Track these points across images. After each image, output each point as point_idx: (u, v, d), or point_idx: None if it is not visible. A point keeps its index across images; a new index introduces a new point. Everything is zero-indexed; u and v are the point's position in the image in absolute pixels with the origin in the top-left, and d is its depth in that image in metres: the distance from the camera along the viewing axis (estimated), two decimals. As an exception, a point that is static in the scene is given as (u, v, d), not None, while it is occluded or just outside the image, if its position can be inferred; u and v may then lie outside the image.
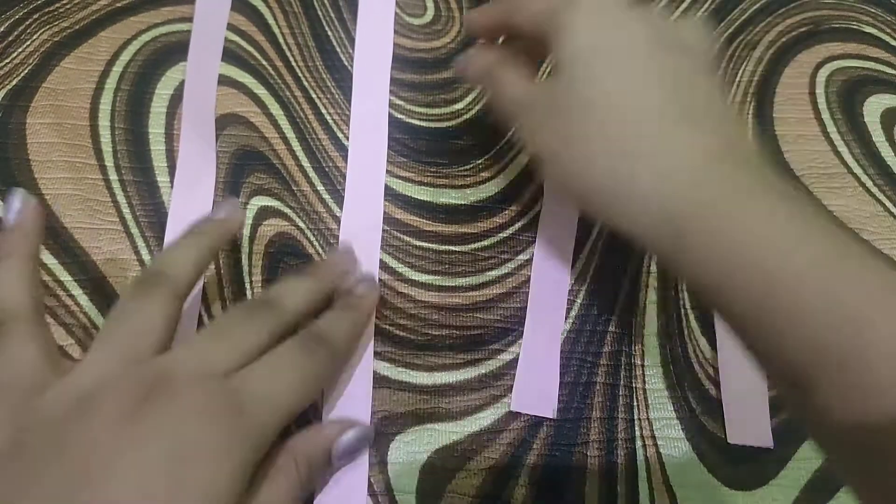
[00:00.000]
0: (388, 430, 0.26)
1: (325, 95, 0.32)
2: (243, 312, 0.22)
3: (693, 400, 0.27)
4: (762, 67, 0.34)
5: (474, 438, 0.26)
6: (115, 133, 0.30)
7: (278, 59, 0.32)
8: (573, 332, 0.28)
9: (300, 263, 0.28)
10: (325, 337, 0.23)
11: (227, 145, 0.30)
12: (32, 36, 0.31)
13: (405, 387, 0.26)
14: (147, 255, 0.28)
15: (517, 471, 0.25)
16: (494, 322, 0.28)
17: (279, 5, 0.34)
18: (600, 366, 0.27)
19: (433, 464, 0.25)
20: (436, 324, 0.28)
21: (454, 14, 0.35)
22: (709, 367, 0.28)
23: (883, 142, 0.33)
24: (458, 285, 0.28)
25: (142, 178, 0.29)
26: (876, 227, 0.31)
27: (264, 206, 0.29)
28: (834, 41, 0.35)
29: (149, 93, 0.31)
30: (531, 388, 0.27)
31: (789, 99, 0.34)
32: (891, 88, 0.34)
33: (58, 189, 0.28)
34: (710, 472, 0.26)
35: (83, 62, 0.31)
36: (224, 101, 0.31)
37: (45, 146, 0.29)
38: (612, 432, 0.26)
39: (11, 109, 0.30)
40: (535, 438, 0.26)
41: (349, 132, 0.31)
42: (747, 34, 0.35)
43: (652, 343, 0.28)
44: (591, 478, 0.25)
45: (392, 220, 0.29)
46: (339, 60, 0.33)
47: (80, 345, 0.26)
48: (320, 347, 0.22)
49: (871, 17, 0.36)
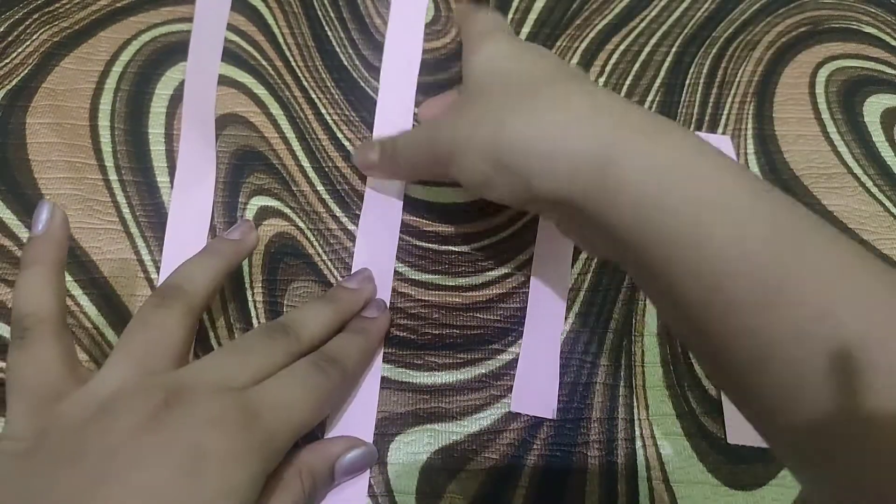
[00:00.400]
0: (388, 431, 0.26)
1: (325, 95, 0.32)
2: (263, 334, 0.23)
3: (693, 400, 0.27)
4: (762, 67, 0.34)
5: (474, 439, 0.26)
6: (115, 133, 0.30)
7: (278, 59, 0.32)
8: (573, 332, 0.28)
9: (300, 263, 0.28)
10: (338, 359, 0.23)
11: (226, 145, 0.30)
12: (32, 36, 0.31)
13: (405, 387, 0.26)
14: (147, 255, 0.28)
15: (517, 471, 0.25)
16: (494, 322, 0.28)
17: (279, 5, 0.34)
18: (600, 366, 0.27)
19: (433, 464, 0.25)
20: (436, 323, 0.28)
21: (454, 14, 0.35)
22: (709, 367, 0.28)
23: (883, 142, 0.33)
24: (458, 285, 0.28)
25: (142, 178, 0.29)
26: (876, 227, 0.31)
27: (264, 206, 0.29)
28: (834, 41, 0.35)
29: (149, 93, 0.31)
30: (531, 388, 0.27)
31: (789, 99, 0.34)
32: (891, 88, 0.34)
33: (58, 189, 0.28)
34: (710, 472, 0.26)
35: (83, 62, 0.31)
36: (224, 101, 0.31)
37: (45, 146, 0.29)
38: (612, 432, 0.26)
39: (11, 109, 0.30)
40: (535, 439, 0.26)
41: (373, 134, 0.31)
42: (747, 34, 0.35)
43: (652, 343, 0.28)
44: (591, 478, 0.25)
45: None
46: (339, 60, 0.33)
47: (80, 345, 0.26)
48: (332, 368, 0.23)
49: (871, 17, 0.36)
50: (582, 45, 0.35)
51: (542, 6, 0.36)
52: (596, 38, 0.35)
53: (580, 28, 0.35)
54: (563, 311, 0.28)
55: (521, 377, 0.27)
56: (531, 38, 0.35)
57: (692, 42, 0.35)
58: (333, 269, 0.28)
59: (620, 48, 0.35)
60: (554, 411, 0.26)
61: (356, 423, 0.26)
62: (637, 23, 0.35)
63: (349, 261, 0.28)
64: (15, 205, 0.28)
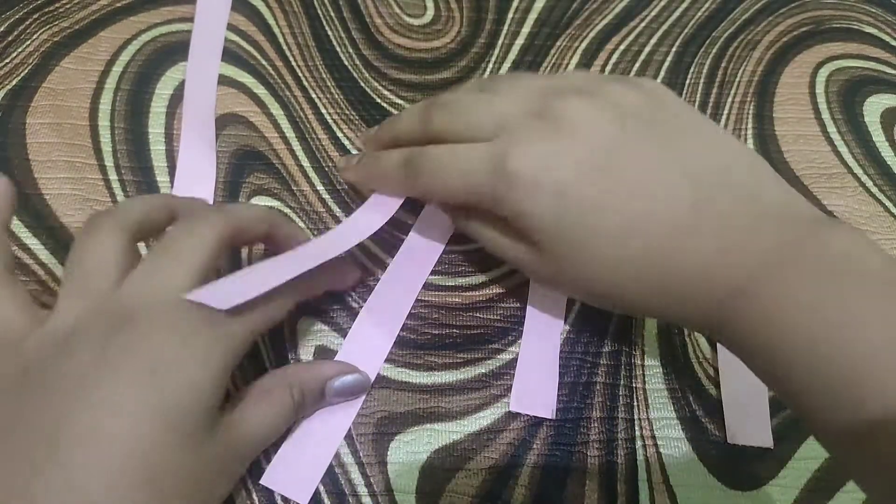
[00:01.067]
0: (387, 430, 0.26)
1: (325, 95, 0.32)
2: (186, 231, 0.22)
3: (693, 400, 0.27)
4: (762, 67, 0.34)
5: (474, 438, 0.26)
6: (115, 133, 0.30)
7: (278, 58, 0.32)
8: (573, 332, 0.28)
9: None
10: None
11: (226, 145, 0.30)
12: (32, 36, 0.31)
13: (405, 387, 0.26)
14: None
15: (517, 471, 0.25)
16: (494, 321, 0.28)
17: (279, 5, 0.34)
18: (600, 366, 0.27)
19: (433, 464, 0.25)
20: (436, 323, 0.28)
21: (454, 14, 0.35)
22: (709, 367, 0.28)
23: (883, 142, 0.33)
24: (458, 285, 0.28)
25: (142, 178, 0.29)
26: (876, 227, 0.31)
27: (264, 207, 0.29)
28: (834, 41, 0.35)
29: (149, 93, 0.31)
30: (530, 388, 0.27)
31: (789, 99, 0.34)
32: (891, 88, 0.34)
33: (58, 189, 0.28)
34: (710, 472, 0.26)
35: (83, 62, 0.31)
36: (224, 101, 0.31)
37: (45, 146, 0.29)
38: (612, 432, 0.26)
39: (11, 109, 0.30)
40: (535, 438, 0.26)
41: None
42: (747, 34, 0.35)
43: (652, 343, 0.28)
44: (591, 478, 0.25)
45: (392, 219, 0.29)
46: (339, 60, 0.33)
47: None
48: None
49: (872, 17, 0.36)
50: (582, 45, 0.35)
51: (542, 6, 0.36)
52: (596, 38, 0.35)
53: (580, 28, 0.35)
54: (563, 311, 0.28)
55: (520, 377, 0.27)
56: (531, 37, 0.35)
57: (692, 42, 0.35)
58: (333, 268, 0.28)
59: (620, 48, 0.35)
60: (553, 411, 0.26)
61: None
62: (637, 23, 0.35)
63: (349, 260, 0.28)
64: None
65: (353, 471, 0.25)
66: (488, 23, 0.35)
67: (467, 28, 0.34)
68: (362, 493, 0.25)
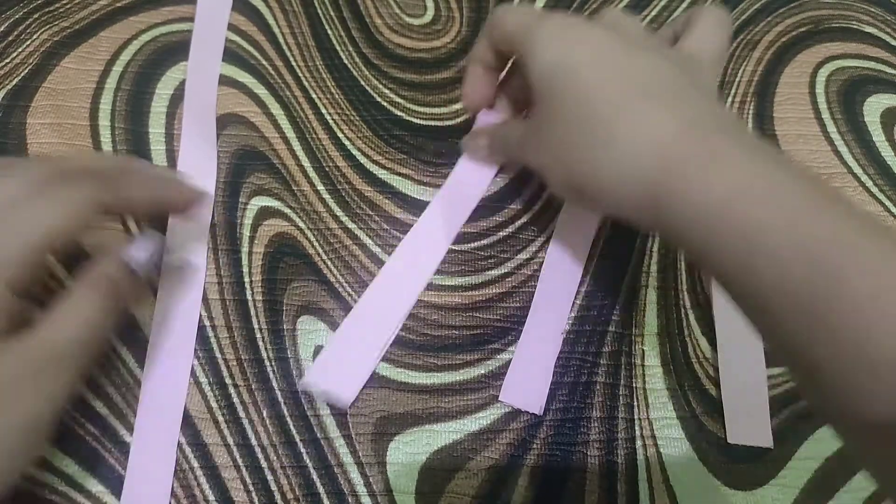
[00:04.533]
0: (387, 431, 0.26)
1: (325, 95, 0.32)
2: None
3: (693, 400, 0.27)
4: (762, 67, 0.34)
5: (474, 438, 0.26)
6: (115, 133, 0.30)
7: (278, 58, 0.32)
8: (573, 332, 0.28)
9: (300, 263, 0.28)
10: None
11: (227, 145, 0.30)
12: (32, 36, 0.31)
13: (404, 387, 0.26)
14: (147, 254, 0.28)
15: (517, 471, 0.25)
16: (494, 322, 0.28)
17: (279, 5, 0.34)
18: (600, 366, 0.27)
19: (432, 464, 0.25)
20: (435, 324, 0.28)
21: (454, 14, 0.35)
22: (709, 367, 0.28)
23: (883, 142, 0.33)
24: (458, 285, 0.28)
25: (142, 178, 0.29)
26: (876, 226, 0.31)
27: (264, 207, 0.29)
28: (834, 41, 0.35)
29: (149, 93, 0.31)
30: (522, 381, 0.26)
31: (789, 99, 0.34)
32: (891, 88, 0.34)
33: (58, 189, 0.28)
34: (710, 472, 0.26)
35: (83, 62, 0.31)
36: (224, 101, 0.31)
37: (45, 146, 0.29)
38: (612, 432, 0.26)
39: (11, 109, 0.30)
40: (535, 438, 0.26)
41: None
42: (747, 34, 0.35)
43: (652, 343, 0.28)
44: (591, 478, 0.25)
45: (392, 219, 0.29)
46: (339, 60, 0.33)
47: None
48: None
49: (871, 17, 0.36)
50: (582, 44, 0.35)
51: (542, 6, 0.36)
52: (596, 37, 0.35)
53: (580, 28, 0.35)
54: (567, 312, 0.28)
55: (514, 369, 0.27)
56: (531, 37, 0.35)
57: (692, 42, 0.35)
58: (333, 268, 0.28)
59: (620, 48, 0.35)
60: (541, 408, 0.26)
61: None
62: (637, 23, 0.35)
63: (349, 260, 0.28)
64: (15, 204, 0.28)
65: (353, 471, 0.25)
66: (488, 23, 0.35)
67: (467, 28, 0.34)
68: (361, 493, 0.25)
